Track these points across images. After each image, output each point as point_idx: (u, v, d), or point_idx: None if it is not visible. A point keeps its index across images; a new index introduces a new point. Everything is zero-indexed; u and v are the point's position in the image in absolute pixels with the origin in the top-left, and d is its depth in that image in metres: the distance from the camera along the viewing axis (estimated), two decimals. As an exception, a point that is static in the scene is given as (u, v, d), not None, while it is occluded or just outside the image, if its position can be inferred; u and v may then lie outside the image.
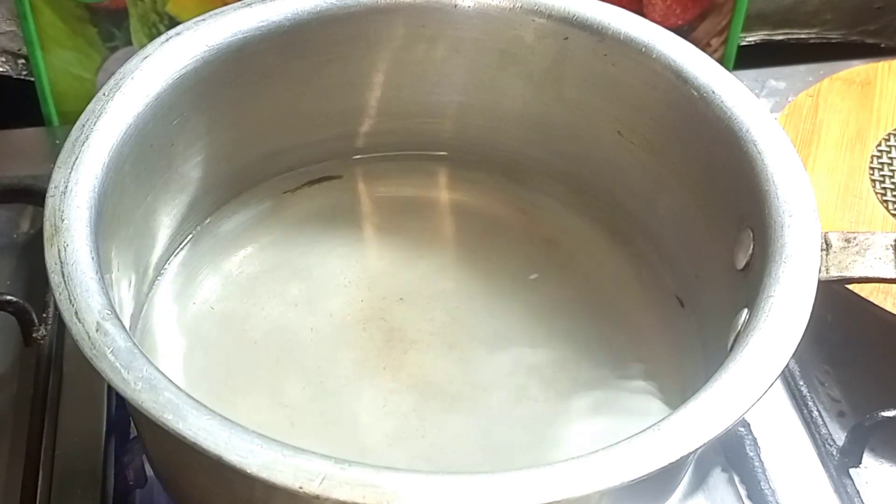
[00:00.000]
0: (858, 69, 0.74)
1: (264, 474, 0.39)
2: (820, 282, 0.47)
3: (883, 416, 0.57)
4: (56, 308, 0.59)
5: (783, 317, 0.45)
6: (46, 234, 0.46)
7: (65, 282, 0.44)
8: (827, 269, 0.49)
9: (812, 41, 0.84)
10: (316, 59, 0.58)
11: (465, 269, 0.59)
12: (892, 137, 0.70)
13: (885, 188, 0.67)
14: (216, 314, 0.57)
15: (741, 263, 0.51)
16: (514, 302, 0.58)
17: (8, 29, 0.73)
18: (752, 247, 0.50)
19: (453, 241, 0.62)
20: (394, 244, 0.61)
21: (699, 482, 0.57)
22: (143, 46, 0.54)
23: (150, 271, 0.57)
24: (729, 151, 0.52)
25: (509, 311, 0.57)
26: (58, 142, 0.72)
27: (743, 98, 0.53)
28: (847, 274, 0.49)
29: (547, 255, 0.60)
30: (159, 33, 0.56)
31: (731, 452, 0.57)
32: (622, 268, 0.60)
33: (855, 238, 0.50)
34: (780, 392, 0.60)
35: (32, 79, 0.73)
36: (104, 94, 0.51)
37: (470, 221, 0.62)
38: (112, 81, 0.52)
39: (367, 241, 0.62)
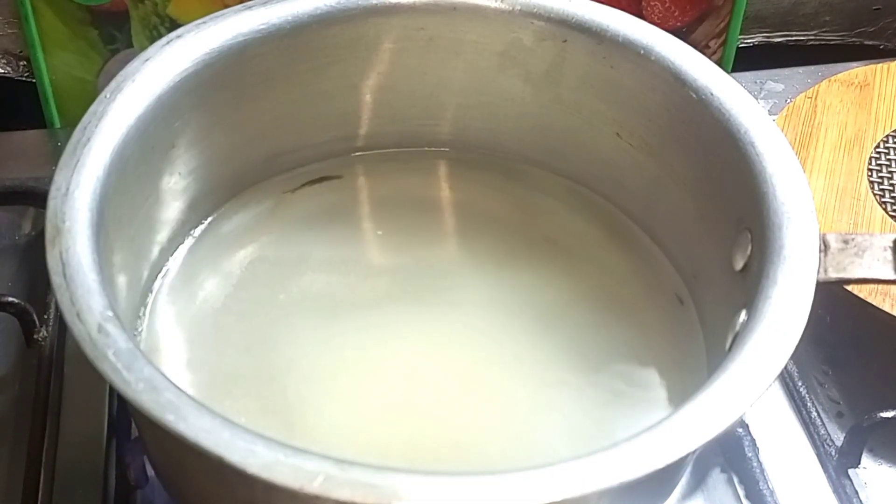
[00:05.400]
0: (857, 71, 0.74)
1: (265, 474, 0.39)
2: (818, 283, 0.47)
3: (881, 417, 0.57)
4: (57, 309, 0.60)
5: (781, 318, 0.45)
6: (48, 236, 0.46)
7: (66, 283, 0.44)
8: (825, 271, 0.49)
9: (810, 43, 0.85)
10: (316, 61, 0.58)
11: (465, 269, 0.59)
12: (890, 139, 0.70)
13: (883, 189, 0.67)
14: (217, 314, 0.57)
15: (739, 265, 0.51)
16: (514, 301, 0.58)
17: (9, 31, 0.73)
18: (750, 248, 0.50)
19: (453, 240, 0.62)
20: (394, 244, 0.61)
21: (698, 482, 0.57)
22: (144, 49, 0.54)
23: (151, 272, 0.57)
24: (727, 153, 0.52)
25: (508, 310, 0.58)
26: (59, 144, 0.72)
27: (741, 100, 0.53)
28: (845, 275, 0.49)
29: (547, 254, 0.60)
30: (160, 36, 0.56)
31: (730, 453, 0.57)
32: (621, 266, 0.60)
33: (853, 239, 0.50)
34: (778, 393, 0.60)
35: (34, 81, 0.73)
36: (106, 97, 0.51)
37: (470, 221, 0.62)
38: (113, 83, 0.52)
39: (367, 240, 0.62)
